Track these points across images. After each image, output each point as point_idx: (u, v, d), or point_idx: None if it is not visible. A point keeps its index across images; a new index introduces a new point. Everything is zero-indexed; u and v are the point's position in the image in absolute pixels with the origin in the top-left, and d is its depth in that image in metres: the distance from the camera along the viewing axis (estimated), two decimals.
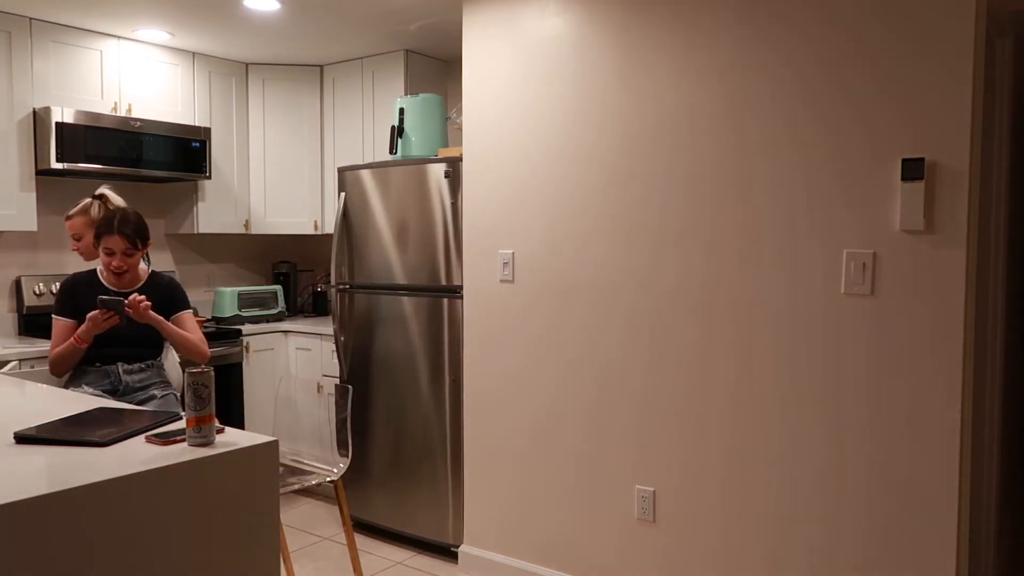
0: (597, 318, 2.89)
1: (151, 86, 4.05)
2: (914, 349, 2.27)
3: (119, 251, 2.84)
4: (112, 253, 2.84)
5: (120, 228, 2.82)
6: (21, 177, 3.58)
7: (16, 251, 3.87)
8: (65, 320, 2.86)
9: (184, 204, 4.34)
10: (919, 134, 2.24)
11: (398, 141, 3.60)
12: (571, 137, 2.93)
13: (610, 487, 2.89)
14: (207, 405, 1.60)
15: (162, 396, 2.93)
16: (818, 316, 2.42)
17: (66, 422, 1.77)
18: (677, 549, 2.74)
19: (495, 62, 3.13)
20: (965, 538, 2.28)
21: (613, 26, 2.81)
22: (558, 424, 3.01)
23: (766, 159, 2.51)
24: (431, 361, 3.45)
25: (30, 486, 1.33)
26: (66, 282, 2.92)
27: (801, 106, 2.44)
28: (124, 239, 2.83)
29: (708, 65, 2.61)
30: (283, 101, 4.53)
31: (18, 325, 3.84)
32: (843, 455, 2.40)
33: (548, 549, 3.07)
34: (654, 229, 2.74)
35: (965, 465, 2.26)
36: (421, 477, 3.49)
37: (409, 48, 4.16)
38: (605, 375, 2.88)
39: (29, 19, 3.59)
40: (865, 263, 2.33)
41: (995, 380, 3.00)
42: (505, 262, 3.12)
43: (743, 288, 2.56)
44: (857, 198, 2.35)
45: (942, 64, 2.20)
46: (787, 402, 2.49)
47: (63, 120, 3.57)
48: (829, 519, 2.43)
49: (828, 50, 2.38)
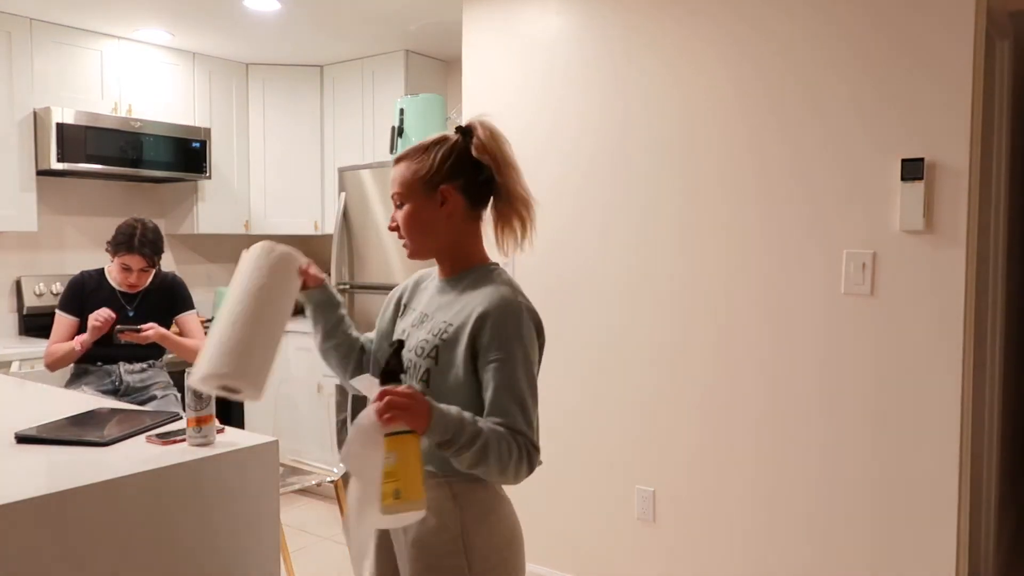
0: (596, 318, 2.89)
1: (151, 86, 4.05)
2: (914, 349, 2.27)
3: (136, 269, 2.85)
4: (129, 269, 2.84)
5: (140, 248, 2.81)
6: (21, 177, 3.58)
7: (16, 251, 3.87)
8: (69, 317, 2.87)
9: (184, 204, 4.34)
10: (919, 134, 2.24)
11: (398, 141, 3.60)
12: (572, 136, 2.93)
13: (610, 487, 2.89)
14: (207, 405, 1.60)
15: (162, 396, 2.94)
16: (818, 316, 2.42)
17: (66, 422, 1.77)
18: (677, 549, 2.74)
19: (495, 62, 3.13)
20: (965, 538, 2.28)
21: (613, 26, 2.81)
22: (559, 423, 3.01)
23: (765, 158, 2.51)
24: None
25: (30, 486, 1.33)
26: (75, 280, 2.93)
27: (801, 106, 2.44)
28: (143, 259, 2.83)
29: (708, 65, 2.61)
30: (283, 101, 4.53)
31: (18, 325, 3.84)
32: (843, 455, 2.40)
33: (548, 548, 3.07)
34: (654, 228, 2.74)
35: (965, 465, 2.26)
36: None
37: (409, 48, 4.16)
38: (606, 374, 2.88)
39: (29, 19, 3.59)
40: (865, 263, 2.33)
41: (995, 380, 3.00)
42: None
43: (743, 287, 2.56)
44: (857, 198, 2.35)
45: (942, 64, 2.20)
46: (787, 402, 2.49)
47: (63, 120, 3.57)
48: (829, 518, 2.43)
49: (828, 50, 2.38)
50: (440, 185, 1.46)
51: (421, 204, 1.47)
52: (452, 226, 1.49)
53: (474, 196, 1.49)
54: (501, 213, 1.50)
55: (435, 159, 1.46)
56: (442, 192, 1.46)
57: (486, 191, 1.50)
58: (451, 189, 1.46)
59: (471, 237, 1.53)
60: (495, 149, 1.47)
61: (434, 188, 1.46)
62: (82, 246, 4.11)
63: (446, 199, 1.46)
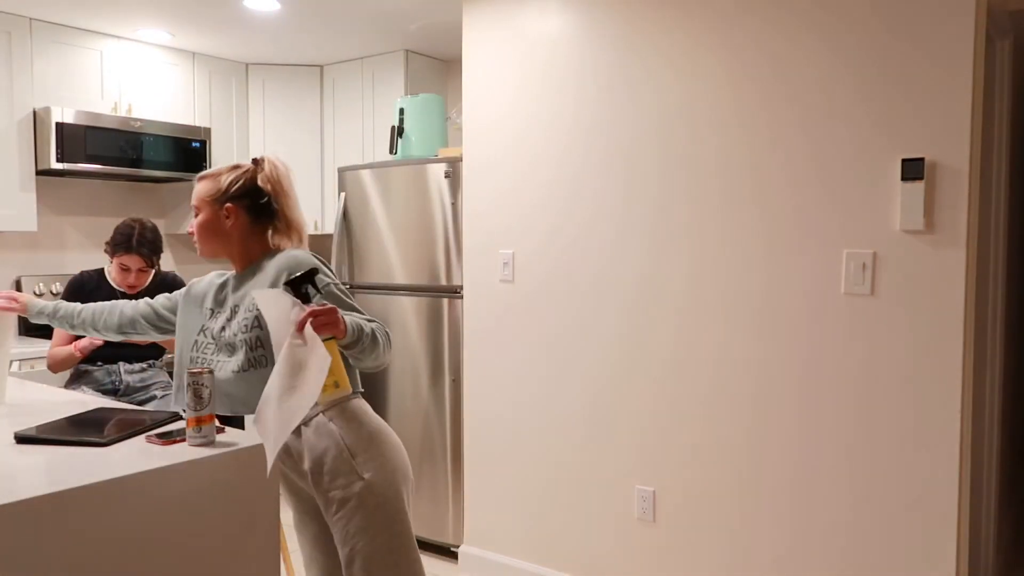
0: (597, 318, 2.89)
1: (151, 86, 4.05)
2: (914, 349, 2.27)
3: (135, 268, 2.86)
4: (128, 270, 2.86)
5: (138, 248, 2.83)
6: (21, 177, 3.58)
7: (16, 251, 3.87)
8: None
9: (184, 204, 4.35)
10: (919, 134, 2.24)
11: (398, 141, 3.60)
12: (571, 136, 2.93)
13: (610, 487, 2.89)
14: (207, 405, 1.60)
15: (162, 396, 2.94)
16: (818, 316, 2.42)
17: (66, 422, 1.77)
18: (677, 549, 2.74)
19: (495, 62, 3.13)
20: (965, 538, 2.28)
21: (613, 26, 2.81)
22: (558, 423, 3.01)
23: (765, 159, 2.51)
24: (431, 361, 3.45)
25: (30, 486, 1.33)
26: (74, 280, 2.93)
27: (801, 106, 2.44)
28: (142, 259, 2.85)
29: (708, 65, 2.61)
30: (283, 101, 4.53)
31: (18, 325, 3.84)
32: (843, 454, 2.40)
33: (548, 549, 3.07)
34: (654, 228, 2.74)
35: (965, 465, 2.26)
36: (421, 477, 3.49)
37: (409, 48, 4.16)
38: (605, 375, 2.88)
39: (29, 19, 3.59)
40: (865, 263, 2.33)
41: (995, 380, 3.00)
42: (505, 262, 3.12)
43: (743, 288, 2.56)
44: (857, 198, 2.35)
45: (942, 64, 2.20)
46: (787, 401, 2.49)
47: (63, 120, 3.57)
48: (828, 518, 2.43)
49: (827, 50, 2.38)
50: (226, 203, 1.90)
51: (211, 216, 1.91)
52: (237, 234, 1.91)
53: (256, 213, 1.93)
54: (277, 229, 1.96)
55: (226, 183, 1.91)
56: (226, 209, 1.90)
57: (267, 210, 1.94)
58: (235, 207, 1.91)
59: (255, 242, 1.94)
60: (275, 180, 1.92)
61: (221, 205, 1.90)
62: (82, 246, 4.11)
63: (229, 215, 1.91)
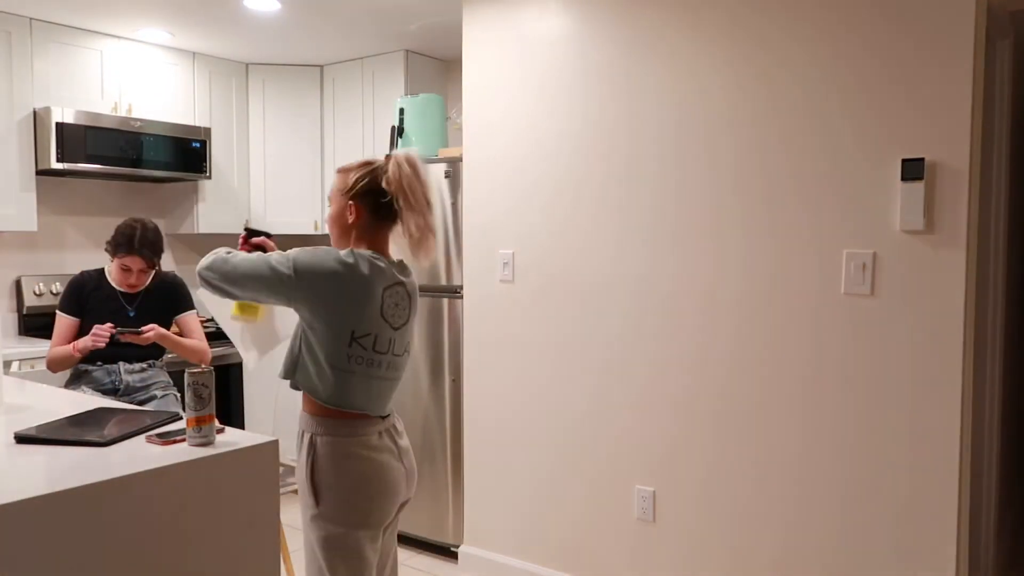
0: (597, 318, 2.89)
1: (151, 86, 4.05)
2: (914, 349, 2.27)
3: (136, 269, 2.87)
4: (129, 270, 2.86)
5: (140, 249, 2.83)
6: (21, 177, 3.58)
7: (16, 251, 3.87)
8: (69, 318, 2.87)
9: (184, 204, 4.34)
10: (919, 134, 2.24)
11: (398, 141, 3.60)
12: (571, 136, 2.93)
13: (610, 487, 2.89)
14: (207, 405, 1.60)
15: (162, 396, 2.94)
16: (818, 316, 2.42)
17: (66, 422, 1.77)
18: (677, 549, 2.74)
19: (495, 62, 3.13)
20: (965, 538, 2.28)
21: (613, 26, 2.81)
22: (558, 424, 3.01)
23: (766, 159, 2.51)
24: (431, 361, 3.45)
25: (30, 486, 1.33)
26: (74, 280, 2.94)
27: (801, 106, 2.44)
28: (143, 260, 2.85)
29: (708, 65, 2.61)
30: (283, 101, 4.53)
31: (18, 325, 3.84)
32: (843, 455, 2.40)
33: (548, 549, 3.07)
34: (654, 229, 2.74)
35: (965, 465, 2.26)
36: (421, 477, 3.49)
37: (409, 48, 4.16)
38: (605, 375, 2.88)
39: (29, 19, 3.59)
40: (865, 263, 2.33)
41: (995, 380, 3.00)
42: (505, 262, 3.12)
43: (743, 288, 2.56)
44: (857, 198, 2.35)
45: (942, 64, 2.20)
46: (786, 401, 2.49)
47: (63, 120, 3.57)
48: (828, 519, 2.43)
49: (827, 51, 2.38)
50: (350, 199, 1.89)
51: (338, 210, 1.92)
52: (358, 231, 1.91)
53: (377, 211, 1.89)
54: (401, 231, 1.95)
55: (353, 179, 1.90)
56: (350, 205, 1.89)
57: (389, 210, 1.88)
58: (356, 204, 1.89)
59: (380, 240, 1.93)
60: (397, 181, 1.85)
61: (347, 200, 1.90)
62: (82, 246, 4.11)
63: (352, 211, 1.90)
